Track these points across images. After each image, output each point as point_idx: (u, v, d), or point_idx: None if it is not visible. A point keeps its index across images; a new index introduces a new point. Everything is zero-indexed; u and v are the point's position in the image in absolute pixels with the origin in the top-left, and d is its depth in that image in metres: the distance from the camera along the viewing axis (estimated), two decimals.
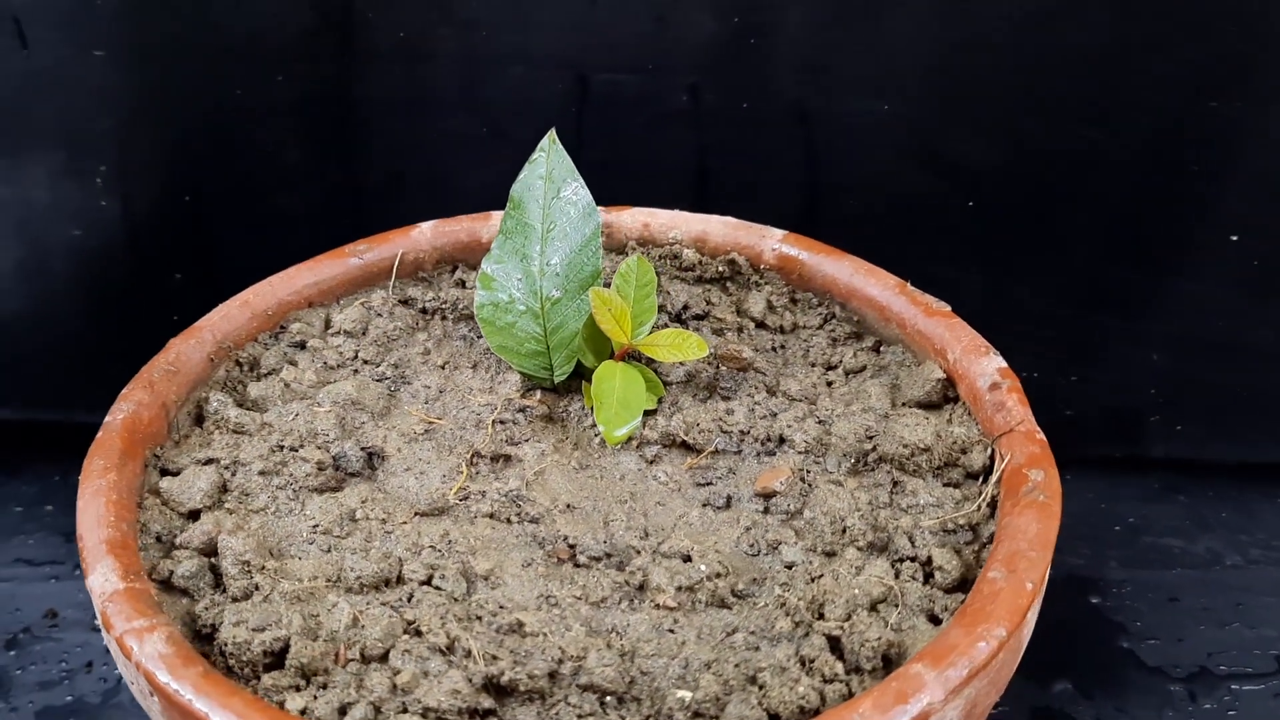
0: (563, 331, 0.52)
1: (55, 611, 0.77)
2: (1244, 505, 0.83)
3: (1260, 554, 0.80)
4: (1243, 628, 0.74)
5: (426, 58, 0.70)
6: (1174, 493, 0.83)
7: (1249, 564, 0.79)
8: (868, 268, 0.55)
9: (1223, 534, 0.81)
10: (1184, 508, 0.82)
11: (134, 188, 0.74)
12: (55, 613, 0.77)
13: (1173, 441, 0.82)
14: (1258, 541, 0.81)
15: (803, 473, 0.47)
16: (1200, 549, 0.80)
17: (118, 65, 0.70)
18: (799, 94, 0.71)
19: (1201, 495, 0.83)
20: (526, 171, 0.54)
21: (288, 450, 0.48)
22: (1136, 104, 0.69)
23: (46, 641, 0.75)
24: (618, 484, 0.48)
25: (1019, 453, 0.44)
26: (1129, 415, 0.82)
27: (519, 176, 0.54)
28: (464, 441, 0.49)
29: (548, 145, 0.54)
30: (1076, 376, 0.81)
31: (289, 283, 0.55)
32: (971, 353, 0.49)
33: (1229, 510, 0.82)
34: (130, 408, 0.47)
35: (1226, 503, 0.83)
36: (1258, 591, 0.77)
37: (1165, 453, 0.83)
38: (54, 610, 0.77)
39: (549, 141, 0.54)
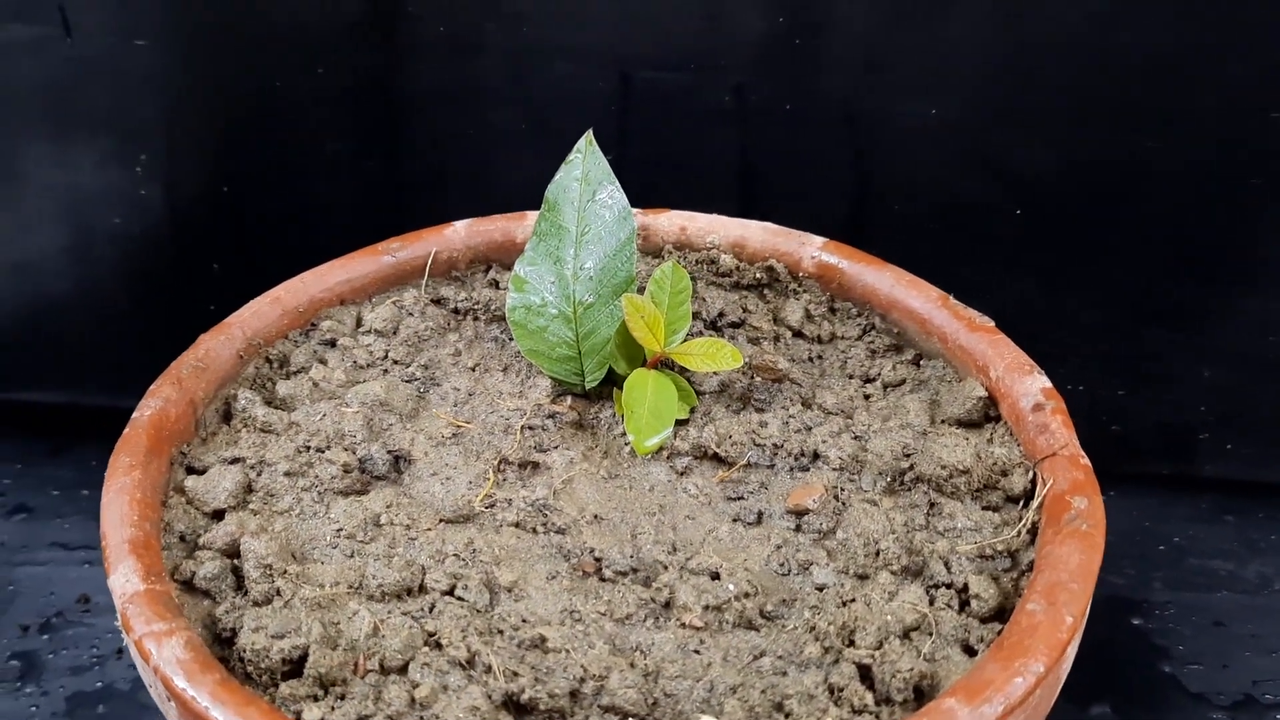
0: (595, 337, 0.51)
1: (88, 597, 0.78)
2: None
3: None
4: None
5: (471, 51, 0.69)
6: (1223, 513, 0.81)
7: None
8: (909, 279, 0.54)
9: (1273, 558, 0.78)
10: (1233, 529, 0.80)
11: (174, 176, 0.74)
12: (88, 598, 0.78)
13: (1223, 461, 0.80)
14: None
15: (836, 490, 0.45)
16: (1249, 573, 0.77)
17: (160, 54, 0.70)
18: (846, 95, 0.69)
19: (1251, 517, 0.81)
20: (562, 173, 0.53)
21: (314, 451, 0.47)
22: (1196, 112, 0.67)
23: (79, 626, 0.75)
24: (647, 495, 0.47)
25: (1062, 478, 0.42)
26: (1179, 432, 0.80)
27: (554, 178, 0.53)
28: (492, 447, 0.49)
29: (584, 147, 0.53)
30: (1125, 391, 0.79)
31: (321, 280, 0.55)
32: (1015, 370, 0.48)
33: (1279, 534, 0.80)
34: (157, 404, 0.46)
35: (1277, 525, 0.80)
36: None
37: (1215, 472, 0.80)
38: (87, 595, 0.78)
39: (585, 143, 0.53)
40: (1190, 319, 0.75)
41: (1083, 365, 0.78)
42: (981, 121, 0.69)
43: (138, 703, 0.70)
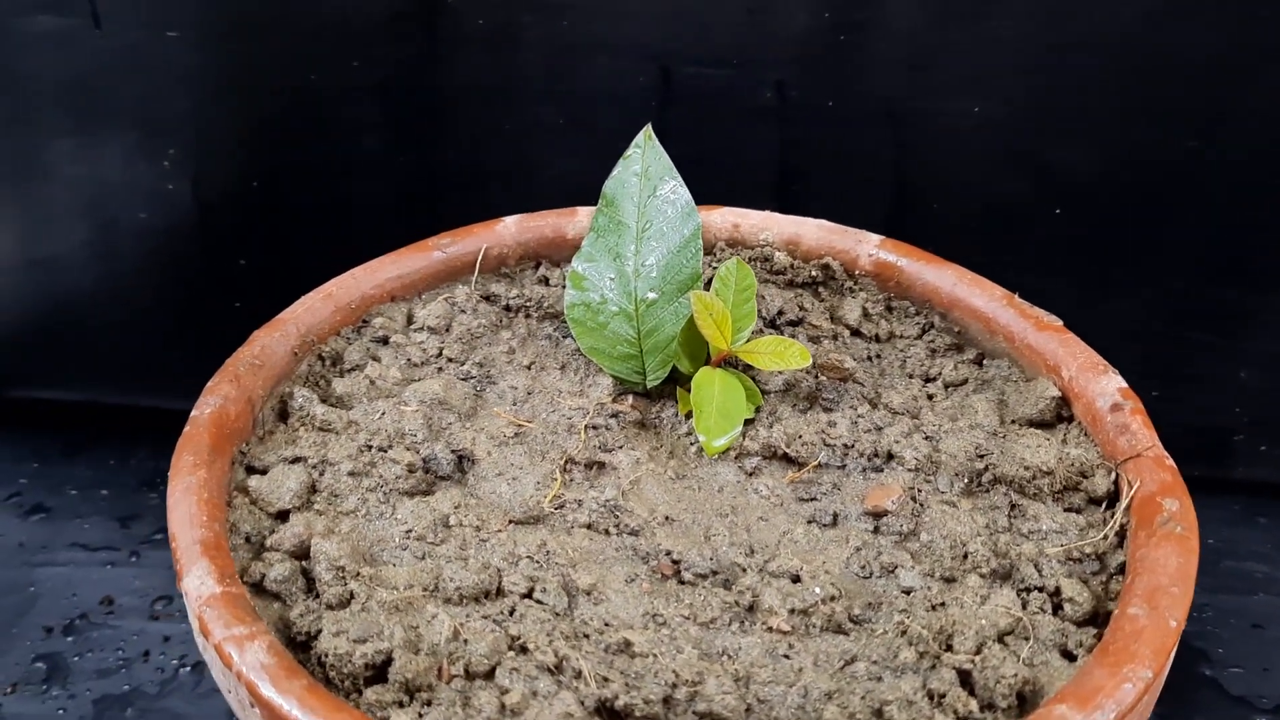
0: (658, 335, 0.50)
1: (112, 598, 0.76)
2: None
3: None
4: None
5: (510, 45, 0.68)
6: (1257, 515, 0.80)
7: None
8: (972, 277, 0.53)
9: None
10: (1267, 532, 0.80)
11: (203, 171, 0.73)
12: (112, 599, 0.76)
13: (1257, 464, 0.79)
14: None
15: (914, 492, 0.45)
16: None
17: (191, 46, 0.68)
18: (889, 93, 0.69)
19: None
20: (620, 168, 0.52)
21: (376, 450, 0.46)
22: (1239, 113, 0.67)
23: (104, 629, 0.74)
24: (717, 496, 0.46)
25: (1149, 480, 0.41)
26: (1213, 435, 0.80)
27: (612, 173, 0.53)
28: (556, 446, 0.48)
29: (643, 141, 0.52)
30: (1159, 392, 0.79)
31: (372, 275, 0.54)
32: (1089, 370, 0.47)
33: None
34: (217, 402, 0.45)
35: None
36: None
37: (1248, 475, 0.80)
38: (110, 597, 0.76)
39: (644, 138, 0.52)
40: (1228, 321, 0.74)
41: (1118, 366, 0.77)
42: (1023, 120, 0.69)
43: (165, 707, 0.69)
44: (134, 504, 0.83)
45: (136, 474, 0.86)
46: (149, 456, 0.87)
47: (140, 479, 0.85)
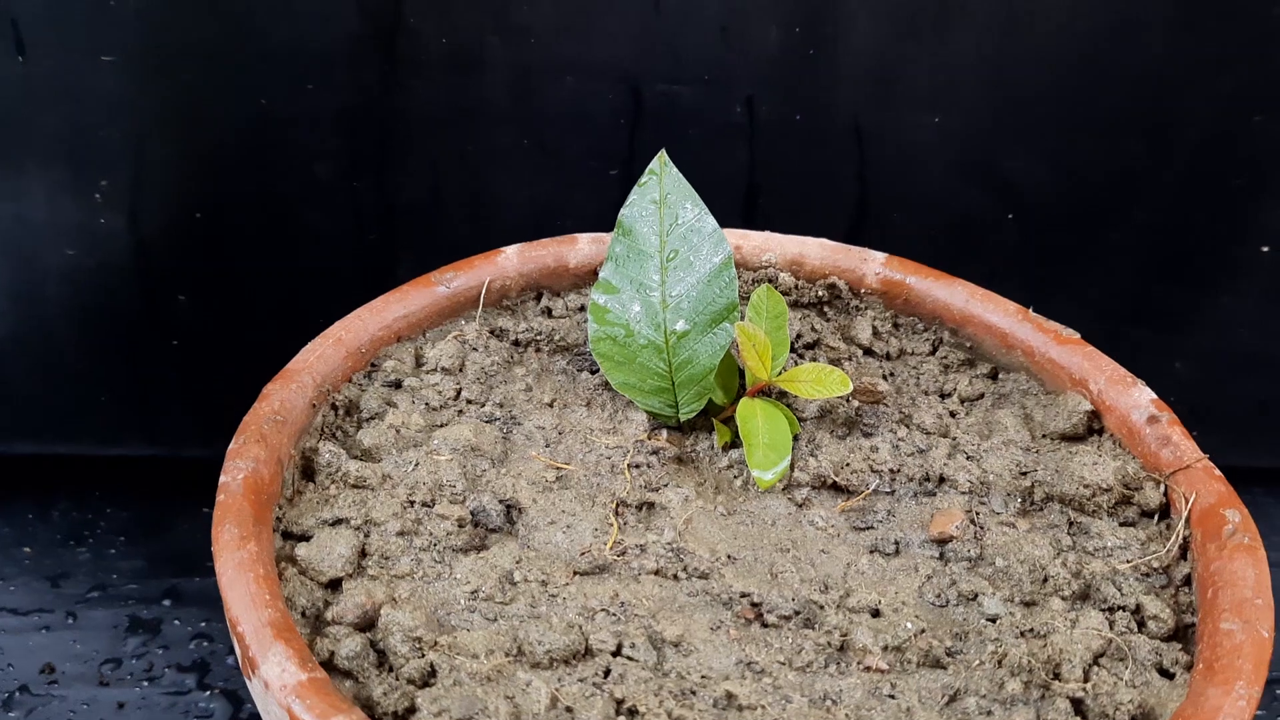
0: (692, 367, 0.49)
1: (53, 666, 0.71)
2: (1260, 509, 0.84)
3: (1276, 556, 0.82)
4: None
5: (473, 67, 0.66)
6: None
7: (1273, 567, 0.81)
8: (983, 293, 0.54)
9: None
10: None
11: (140, 204, 0.68)
12: (53, 667, 0.71)
13: None
14: (1273, 544, 0.83)
15: (971, 514, 0.45)
16: None
17: (127, 73, 0.64)
18: (854, 107, 0.69)
19: None
20: (636, 195, 0.51)
21: (420, 506, 0.44)
22: (1186, 121, 0.70)
23: (49, 700, 0.69)
24: (771, 531, 0.46)
25: (1205, 491, 0.43)
26: None
27: (628, 199, 0.51)
28: (602, 489, 0.46)
29: (659, 167, 0.51)
30: None
31: (378, 316, 0.51)
32: (1117, 384, 0.48)
33: None
34: (249, 465, 0.42)
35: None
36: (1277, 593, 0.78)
37: None
38: (51, 664, 0.71)
39: (659, 164, 0.51)
40: (1166, 319, 0.78)
41: None
42: (980, 133, 0.71)
43: None
44: (61, 560, 0.78)
45: (60, 528, 0.80)
46: (71, 508, 0.81)
47: (64, 533, 0.80)
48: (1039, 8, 0.66)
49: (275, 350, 0.74)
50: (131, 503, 0.81)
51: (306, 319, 0.74)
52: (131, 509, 0.81)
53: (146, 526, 0.80)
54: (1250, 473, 0.85)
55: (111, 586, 0.76)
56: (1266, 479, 0.86)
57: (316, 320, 0.74)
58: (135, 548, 0.79)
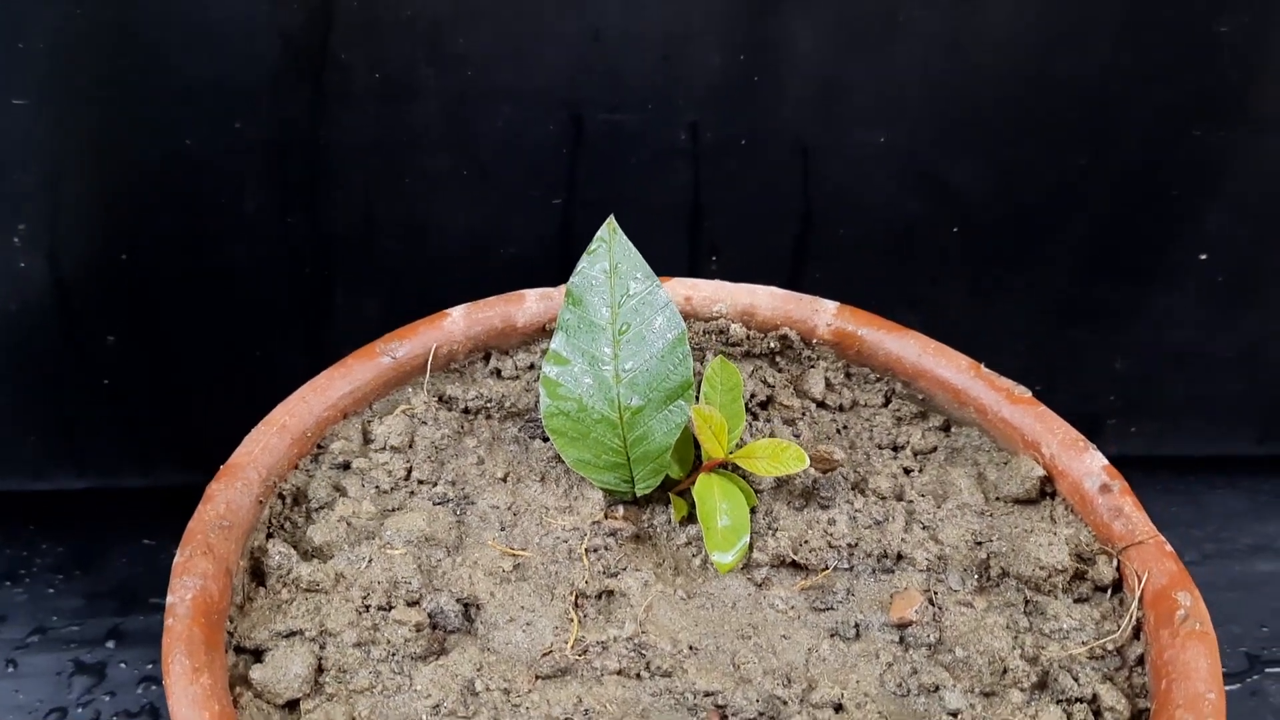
0: (647, 444, 0.48)
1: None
2: (1194, 496, 0.87)
3: (1214, 548, 0.84)
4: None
5: (407, 97, 0.63)
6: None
7: (1205, 559, 0.83)
8: (935, 346, 0.54)
9: (1178, 530, 0.85)
10: None
11: (60, 245, 0.65)
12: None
13: (1128, 441, 0.85)
14: (1207, 534, 0.85)
15: (930, 595, 0.45)
16: None
17: (41, 114, 0.61)
18: (799, 127, 0.68)
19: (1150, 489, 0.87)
20: (585, 263, 0.50)
21: (376, 610, 0.43)
22: (1126, 131, 0.70)
23: None
24: (732, 614, 0.46)
25: (1157, 570, 0.43)
26: (1090, 418, 0.85)
27: (577, 267, 0.50)
28: (560, 578, 0.46)
29: (608, 235, 0.50)
30: (1042, 385, 0.83)
31: (323, 395, 0.50)
32: (1069, 449, 0.49)
33: (1179, 504, 0.86)
34: (197, 583, 0.41)
35: (1176, 497, 0.87)
36: (1218, 587, 0.81)
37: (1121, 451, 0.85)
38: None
39: (609, 231, 0.50)
40: (1105, 319, 0.79)
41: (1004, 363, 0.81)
42: (927, 146, 0.70)
43: None
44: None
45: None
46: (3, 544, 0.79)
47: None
48: (982, 24, 0.66)
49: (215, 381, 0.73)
50: (66, 537, 0.79)
51: (244, 351, 0.72)
52: (66, 543, 0.79)
53: (83, 561, 0.78)
54: (1184, 461, 0.88)
55: (51, 629, 0.74)
56: (1200, 467, 0.88)
57: (254, 352, 0.72)
58: (73, 584, 0.77)
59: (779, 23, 0.64)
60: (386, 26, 0.61)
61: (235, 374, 0.72)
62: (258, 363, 0.72)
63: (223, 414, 0.74)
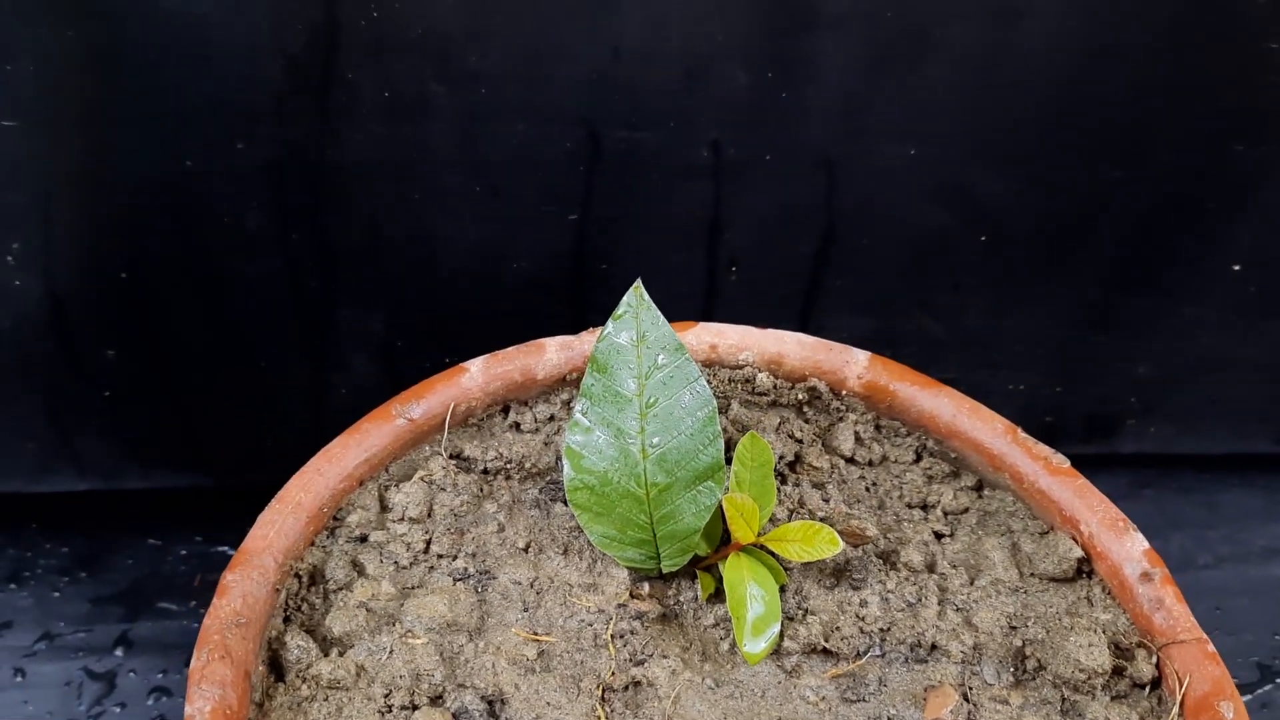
0: (674, 523, 0.47)
1: None
2: (1209, 493, 0.86)
3: (1229, 550, 0.84)
4: (1222, 634, 0.78)
5: (417, 115, 0.60)
6: (1144, 488, 0.85)
7: (1219, 562, 0.83)
8: (971, 405, 0.52)
9: (1193, 531, 0.84)
10: (1152, 503, 0.85)
11: (57, 264, 0.63)
12: None
13: (1146, 441, 0.84)
14: (1222, 535, 0.85)
15: (964, 690, 0.44)
16: (1173, 548, 0.83)
17: (33, 136, 0.58)
18: (825, 143, 0.65)
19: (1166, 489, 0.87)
20: (610, 329, 0.48)
21: (399, 710, 0.42)
22: (1162, 145, 0.67)
23: None
24: (762, 704, 0.45)
25: (1199, 676, 0.42)
26: (1109, 420, 0.84)
27: (602, 332, 0.48)
28: (586, 669, 0.45)
29: (635, 301, 0.48)
30: (1062, 389, 0.82)
31: (338, 464, 0.48)
32: (1109, 529, 0.47)
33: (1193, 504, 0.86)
34: (216, 693, 0.40)
35: (1193, 498, 0.86)
36: (1233, 593, 0.80)
37: (1139, 449, 0.85)
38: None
39: (636, 297, 0.48)
40: (1132, 326, 0.77)
41: (1026, 369, 0.80)
42: (953, 160, 0.67)
43: None
44: (2, 606, 0.75)
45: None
46: (6, 544, 0.78)
47: (2, 574, 0.76)
48: (1019, 39, 0.62)
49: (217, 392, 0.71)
50: (69, 538, 0.78)
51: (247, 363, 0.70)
52: (70, 544, 0.78)
53: (87, 563, 0.77)
54: (1201, 459, 0.87)
55: (59, 635, 0.74)
56: (1217, 465, 0.87)
57: (258, 363, 0.70)
58: (79, 587, 0.76)
59: (808, 38, 0.60)
60: (394, 45, 0.57)
61: (238, 386, 0.70)
62: (261, 375, 0.70)
63: (225, 421, 0.73)
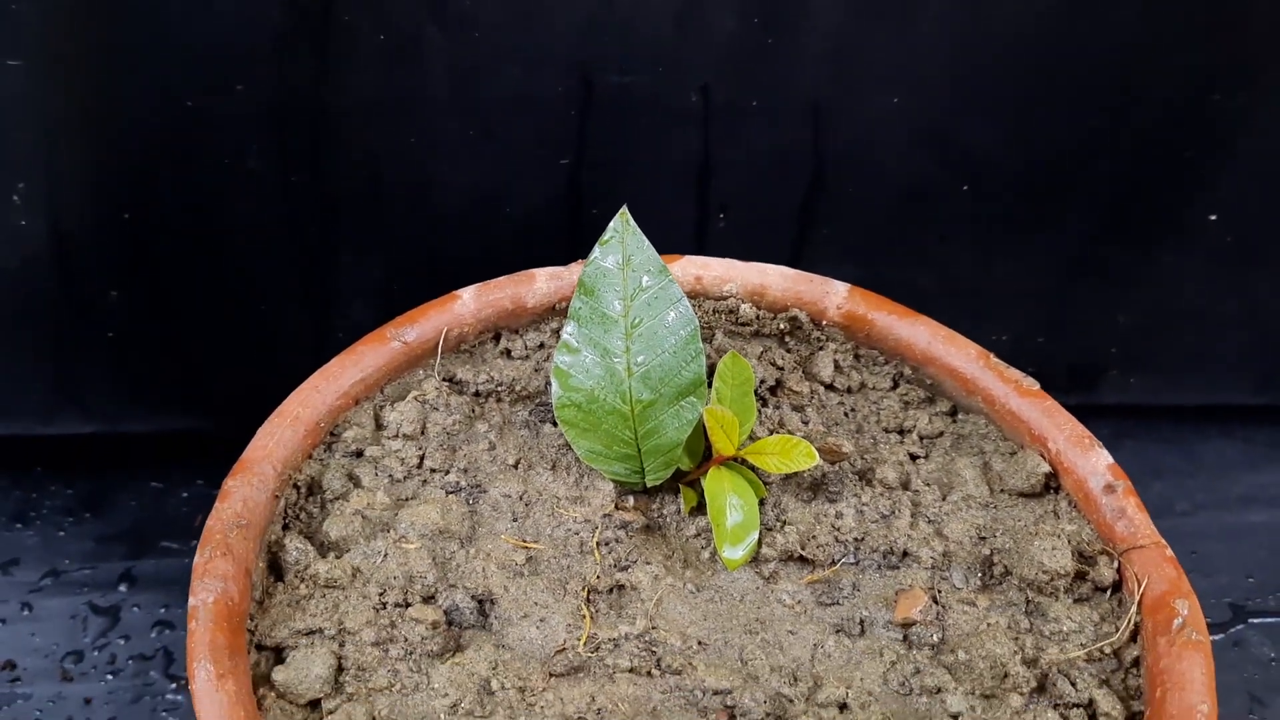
0: (658, 438, 0.49)
1: (13, 663, 0.71)
2: (1188, 445, 0.88)
3: (1206, 497, 0.86)
4: (1198, 577, 0.80)
5: (412, 59, 0.62)
6: (1124, 438, 0.87)
7: (1197, 509, 0.85)
8: (946, 333, 0.54)
9: (1172, 479, 0.86)
10: (1132, 453, 0.87)
11: (62, 205, 0.65)
12: (13, 664, 0.71)
13: (1128, 392, 0.86)
14: (1200, 484, 0.87)
15: (934, 593, 0.46)
16: (1152, 495, 0.85)
17: (37, 76, 0.59)
18: (813, 90, 0.67)
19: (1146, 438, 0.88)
20: (598, 253, 0.50)
21: (393, 607, 0.44)
22: (1144, 95, 0.69)
23: (15, 700, 0.69)
24: (740, 608, 0.47)
25: (1157, 576, 0.44)
26: (1090, 370, 0.85)
27: (590, 257, 0.50)
28: (572, 573, 0.47)
29: (620, 226, 0.50)
30: (1044, 339, 0.83)
31: (334, 383, 0.50)
32: (1076, 445, 0.49)
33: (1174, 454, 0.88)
34: (218, 586, 0.42)
35: (1173, 448, 0.88)
36: (1208, 537, 0.82)
37: (1120, 400, 0.86)
38: (11, 661, 0.71)
39: (621, 222, 0.50)
40: (1113, 276, 0.79)
41: (1010, 319, 0.82)
42: (940, 108, 0.69)
43: None
44: (9, 544, 0.77)
45: (2, 509, 0.79)
46: (12, 486, 0.80)
47: (8, 514, 0.79)
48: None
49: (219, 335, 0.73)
50: (74, 479, 0.80)
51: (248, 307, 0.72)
52: (75, 485, 0.80)
53: (92, 504, 0.79)
54: (1181, 410, 0.89)
55: (64, 572, 0.76)
56: (1196, 416, 0.89)
57: (258, 307, 0.72)
58: (83, 527, 0.78)
59: None
60: None
61: (239, 329, 0.72)
62: (261, 318, 0.72)
63: (227, 364, 0.75)
